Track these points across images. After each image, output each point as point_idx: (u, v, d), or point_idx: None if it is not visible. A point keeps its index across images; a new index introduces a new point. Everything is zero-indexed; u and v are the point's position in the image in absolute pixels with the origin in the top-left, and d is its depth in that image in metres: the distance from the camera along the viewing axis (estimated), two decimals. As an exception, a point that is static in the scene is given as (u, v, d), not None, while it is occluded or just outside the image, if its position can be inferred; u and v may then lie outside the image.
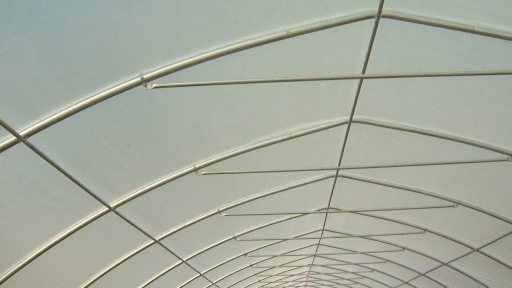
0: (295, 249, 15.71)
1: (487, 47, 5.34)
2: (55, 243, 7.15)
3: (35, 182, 5.99)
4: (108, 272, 9.26)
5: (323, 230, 13.51)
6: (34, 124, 4.91)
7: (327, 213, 11.85)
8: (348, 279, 21.62)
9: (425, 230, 11.34)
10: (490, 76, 5.77)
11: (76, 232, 7.27)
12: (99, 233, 8.04)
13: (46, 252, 7.14)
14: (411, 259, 14.45)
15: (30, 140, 4.99)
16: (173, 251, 10.65)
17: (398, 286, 18.41)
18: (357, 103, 6.77)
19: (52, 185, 6.21)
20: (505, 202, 8.89)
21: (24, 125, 4.88)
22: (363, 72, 5.96)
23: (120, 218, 7.82)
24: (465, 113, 6.79)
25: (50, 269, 7.89)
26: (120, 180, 7.13)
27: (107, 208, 7.32)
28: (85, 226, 7.32)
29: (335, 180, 9.69)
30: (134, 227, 8.47)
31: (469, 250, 11.34)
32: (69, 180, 6.10)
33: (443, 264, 13.23)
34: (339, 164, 8.66)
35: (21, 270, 6.99)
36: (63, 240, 7.22)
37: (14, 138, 4.84)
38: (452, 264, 12.86)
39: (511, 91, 6.06)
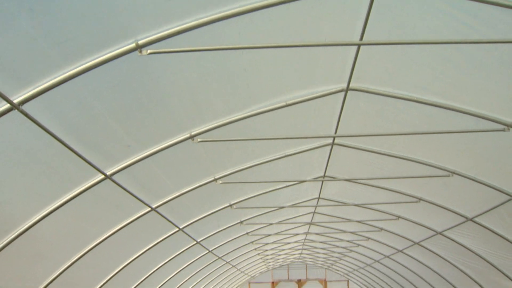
0: (291, 217, 15.84)
1: (487, 15, 5.26)
2: (52, 211, 7.15)
3: (30, 151, 5.95)
4: (105, 240, 9.30)
5: (318, 198, 13.60)
6: (28, 91, 4.84)
7: (323, 181, 11.89)
8: (343, 248, 21.89)
9: (420, 199, 11.42)
10: (489, 44, 5.71)
11: (72, 201, 7.26)
12: (95, 201, 8.05)
13: (43, 220, 7.15)
14: (405, 228, 14.60)
15: (25, 107, 4.92)
16: (169, 218, 10.71)
17: (392, 254, 18.65)
18: (354, 71, 6.71)
19: (48, 153, 6.18)
20: (500, 172, 8.94)
21: (18, 93, 4.81)
22: (361, 39, 5.88)
23: (117, 186, 7.81)
24: (463, 82, 6.75)
25: (47, 237, 7.92)
26: (116, 148, 7.10)
27: (103, 176, 7.30)
28: (82, 194, 7.31)
29: (331, 149, 9.68)
30: (130, 195, 8.47)
31: (463, 219, 11.44)
32: (65, 148, 6.06)
33: (437, 233, 13.37)
34: (335, 132, 8.64)
35: (18, 238, 7.01)
36: (60, 209, 7.22)
37: (8, 105, 4.77)
38: (446, 233, 12.99)
39: (510, 61, 6.01)
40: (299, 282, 34.08)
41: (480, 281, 14.50)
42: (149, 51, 5.01)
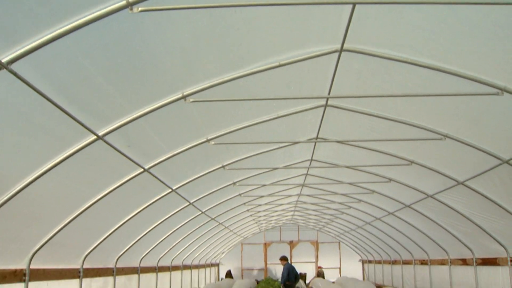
0: (283, 178, 15.94)
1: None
2: (44, 172, 7.14)
3: (20, 111, 5.89)
4: (98, 201, 9.35)
5: (311, 160, 13.65)
6: (17, 50, 4.74)
7: (315, 142, 11.91)
8: (335, 210, 22.13)
9: (412, 162, 11.49)
10: (486, 6, 5.63)
11: (64, 162, 7.25)
12: (88, 162, 8.04)
13: (35, 182, 7.15)
14: (397, 191, 14.75)
15: (14, 67, 4.85)
16: (162, 179, 10.75)
17: (383, 216, 18.91)
18: (349, 31, 6.62)
19: (39, 113, 6.12)
20: (493, 136, 8.98)
21: (6, 52, 4.72)
22: (356, -2, 5.79)
23: (109, 146, 7.80)
24: (458, 45, 6.69)
25: (40, 199, 7.94)
26: (107, 108, 7.05)
27: (95, 137, 7.27)
28: (74, 156, 7.29)
29: (324, 110, 9.66)
30: (123, 156, 8.47)
31: (454, 183, 11.56)
32: (56, 108, 6.01)
33: (428, 196, 13.52)
34: (328, 93, 8.60)
35: (11, 200, 7.02)
36: (52, 170, 7.21)
37: (-3, 65, 4.71)
38: (437, 196, 13.15)
39: (507, 23, 5.94)
40: (291, 243, 34.59)
41: (469, 244, 14.78)
42: (140, 9, 4.91)
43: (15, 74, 4.94)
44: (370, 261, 30.63)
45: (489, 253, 13.89)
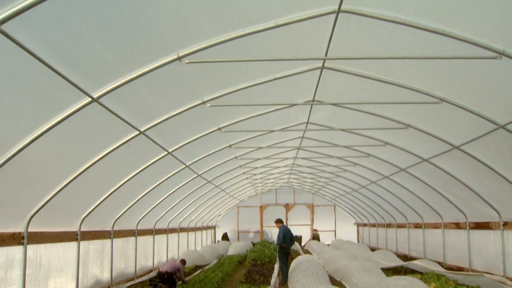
0: (279, 141, 15.93)
1: None
2: (40, 135, 7.11)
3: (13, 73, 5.83)
4: (95, 164, 9.36)
5: (307, 123, 13.62)
6: (7, 10, 4.63)
7: (312, 105, 11.86)
8: (330, 173, 22.25)
9: (408, 125, 11.48)
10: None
11: (60, 124, 7.21)
12: (83, 125, 8.01)
13: (31, 144, 7.13)
14: (392, 154, 14.80)
15: (5, 27, 4.75)
16: (158, 142, 10.73)
17: (378, 180, 19.03)
18: (346, -8, 6.52)
19: (32, 75, 6.06)
20: (490, 101, 8.96)
21: (-4, 12, 4.63)
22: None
23: (104, 109, 7.74)
24: (458, 8, 6.59)
25: (36, 162, 7.94)
26: (102, 70, 6.97)
27: (90, 99, 7.21)
28: (69, 118, 7.25)
29: (321, 72, 9.58)
30: (118, 118, 8.42)
31: (450, 147, 11.60)
32: (50, 70, 5.94)
33: (423, 160, 13.58)
34: (325, 55, 8.50)
35: (7, 163, 7.01)
36: (48, 132, 7.18)
37: (-13, 26, 4.61)
38: (432, 160, 13.21)
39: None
40: (287, 206, 34.92)
41: (462, 208, 14.94)
42: (133, -33, 4.79)
43: (6, 35, 4.85)
44: (365, 224, 31.01)
45: (482, 217, 14.06)
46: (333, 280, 15.15)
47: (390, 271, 15.87)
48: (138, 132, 9.48)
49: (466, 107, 9.28)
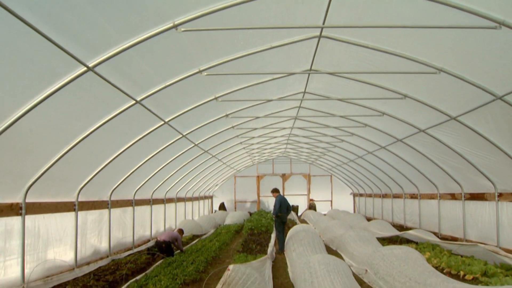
0: (276, 111, 15.88)
1: None
2: (35, 105, 7.08)
3: (7, 42, 5.76)
4: (91, 134, 9.34)
5: (304, 92, 13.55)
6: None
7: (309, 74, 11.77)
8: (327, 143, 22.26)
9: (405, 96, 11.44)
10: None
11: (55, 94, 7.16)
12: (79, 95, 7.95)
13: (27, 115, 7.10)
14: (389, 125, 14.79)
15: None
16: (154, 112, 10.68)
17: (375, 150, 19.06)
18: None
19: (26, 45, 5.99)
20: (488, 71, 8.89)
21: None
22: None
23: (100, 78, 7.68)
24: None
25: (32, 132, 7.91)
26: (97, 38, 6.88)
27: (85, 68, 7.15)
28: (65, 87, 7.20)
29: (318, 41, 9.48)
30: (114, 88, 8.37)
31: (447, 118, 11.57)
32: (44, 39, 5.87)
33: (420, 130, 13.57)
34: (323, 23, 8.38)
35: (3, 134, 7.00)
36: (43, 102, 7.14)
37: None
38: (429, 131, 13.20)
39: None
40: (284, 176, 35.06)
41: (457, 179, 15.01)
42: None
43: (-2, 3, 4.78)
44: (361, 195, 31.21)
45: (478, 189, 14.14)
46: (329, 249, 15.30)
47: (386, 241, 16.02)
48: (134, 102, 9.42)
49: (464, 77, 9.22)
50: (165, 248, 13.43)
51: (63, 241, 10.75)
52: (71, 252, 11.19)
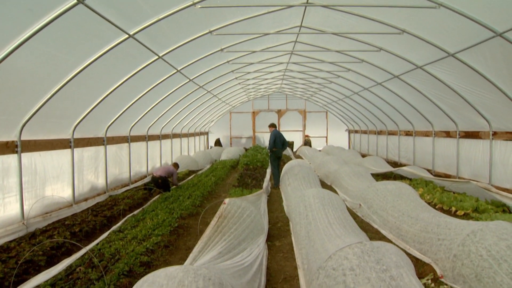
0: (272, 45, 15.62)
1: None
2: (25, 41, 6.93)
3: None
4: (84, 70, 9.19)
5: (300, 26, 13.28)
6: None
7: (305, 7, 11.48)
8: (323, 79, 22.07)
9: (403, 31, 11.22)
10: None
11: (45, 29, 6.99)
12: (70, 29, 7.75)
13: (17, 51, 6.97)
14: (386, 61, 14.60)
15: None
16: (148, 46, 10.47)
17: (371, 86, 18.94)
18: None
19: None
20: (489, 7, 8.68)
21: None
22: None
23: (91, 11, 7.47)
24: None
25: (24, 68, 7.78)
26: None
27: (75, 1, 6.94)
28: (55, 21, 7.01)
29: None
30: (106, 21, 8.15)
31: (445, 54, 11.41)
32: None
33: (417, 67, 13.42)
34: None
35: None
36: (33, 38, 6.98)
37: None
38: (426, 67, 13.05)
39: None
40: (279, 112, 35.01)
41: (453, 116, 15.00)
42: None
43: None
44: (356, 131, 31.32)
45: (473, 127, 14.16)
46: (323, 184, 15.51)
47: (380, 177, 16.23)
48: (127, 36, 9.21)
49: (465, 13, 9.02)
50: (161, 183, 13.58)
51: (60, 178, 10.82)
52: (69, 188, 11.28)
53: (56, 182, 10.64)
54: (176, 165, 15.25)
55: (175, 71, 13.63)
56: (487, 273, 5.09)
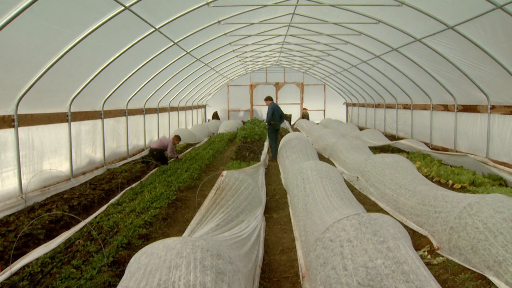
0: (270, 17, 15.46)
1: None
2: (18, 13, 6.82)
3: None
4: (80, 43, 9.11)
5: (299, -3, 13.16)
6: None
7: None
8: (320, 51, 21.92)
9: (402, 3, 11.09)
10: None
11: (38, 1, 6.86)
12: (65, 1, 7.64)
13: (11, 23, 6.87)
14: (385, 33, 14.47)
15: None
16: (144, 18, 10.35)
17: (369, 59, 18.82)
18: None
19: None
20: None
21: None
22: None
23: (86, -18, 7.35)
24: None
25: (19, 42, 7.69)
26: None
27: (69, -29, 6.82)
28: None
29: None
30: (101, -7, 8.04)
31: (444, 27, 11.29)
32: None
33: (416, 40, 13.31)
34: None
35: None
36: (28, 9, 6.88)
37: None
38: (425, 40, 12.94)
39: None
40: (277, 85, 34.87)
41: (451, 90, 14.94)
42: None
43: None
44: (354, 104, 31.25)
45: (471, 101, 14.11)
46: (321, 157, 15.55)
47: (378, 150, 16.26)
48: (123, 8, 9.09)
49: (465, -17, 8.92)
50: (156, 156, 13.55)
51: (58, 152, 10.81)
52: (67, 162, 11.28)
53: (54, 156, 10.63)
54: (177, 138, 14.76)
55: (172, 43, 13.51)
56: (483, 245, 5.13)
